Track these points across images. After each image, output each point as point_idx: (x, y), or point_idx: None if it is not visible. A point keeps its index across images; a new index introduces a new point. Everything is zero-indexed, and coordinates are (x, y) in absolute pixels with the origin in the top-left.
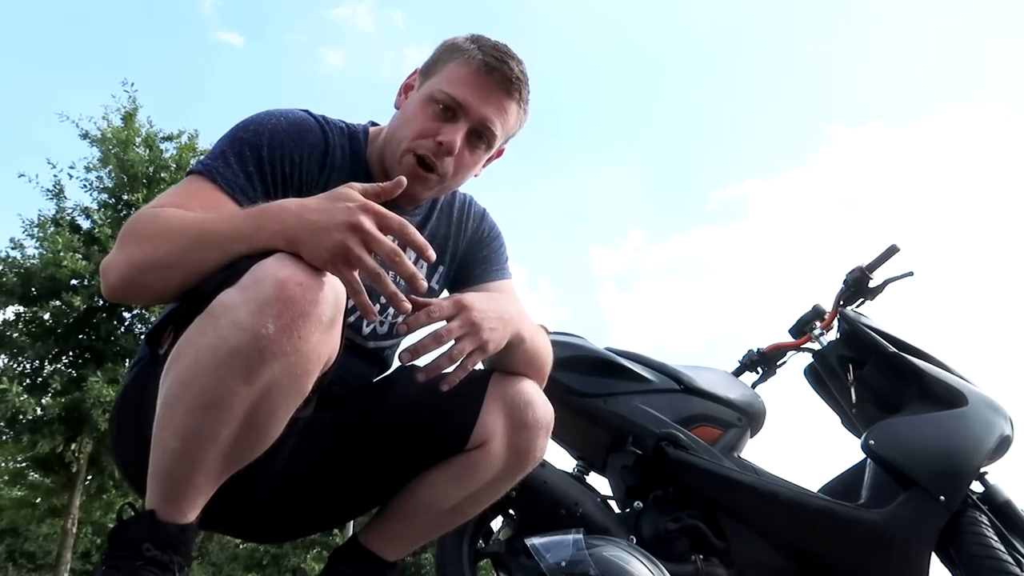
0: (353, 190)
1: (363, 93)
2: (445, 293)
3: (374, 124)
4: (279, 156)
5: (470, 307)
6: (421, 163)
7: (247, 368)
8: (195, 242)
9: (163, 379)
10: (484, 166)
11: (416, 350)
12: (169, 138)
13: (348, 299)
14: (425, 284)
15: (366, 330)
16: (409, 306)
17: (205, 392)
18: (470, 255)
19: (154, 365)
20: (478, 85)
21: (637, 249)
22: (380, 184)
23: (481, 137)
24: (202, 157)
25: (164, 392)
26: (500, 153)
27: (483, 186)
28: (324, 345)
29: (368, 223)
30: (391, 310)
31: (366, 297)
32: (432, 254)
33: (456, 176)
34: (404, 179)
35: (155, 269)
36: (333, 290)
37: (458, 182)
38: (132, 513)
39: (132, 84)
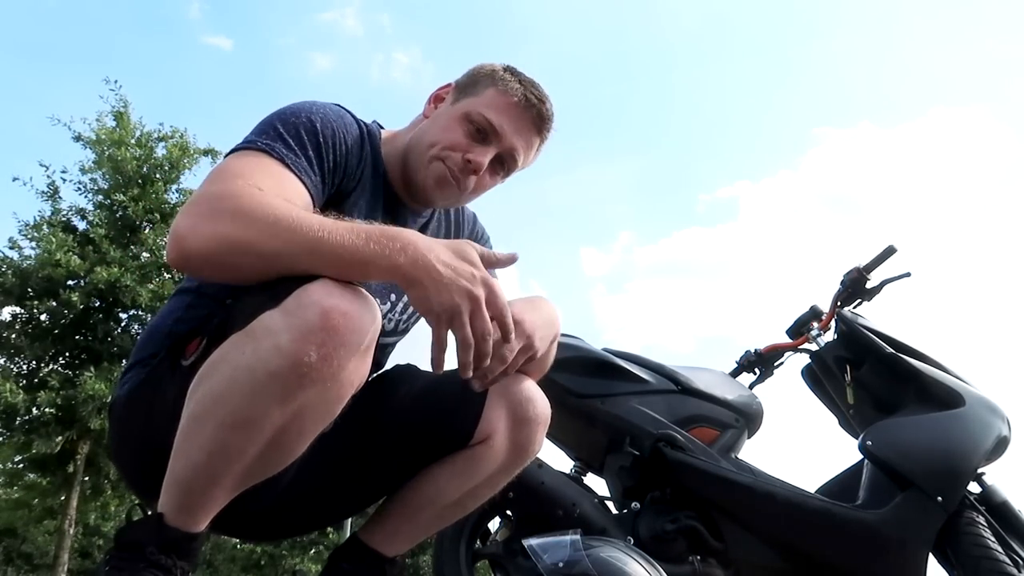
0: (474, 251)
1: (352, 96)
2: None
3: (380, 126)
4: (331, 145)
5: (527, 325)
6: (450, 173)
7: (284, 392)
8: (311, 246)
9: (192, 392)
10: None
11: (485, 376)
12: (162, 138)
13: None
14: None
15: None
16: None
17: (238, 411)
18: None
19: (172, 372)
20: (516, 116)
21: (626, 250)
22: (496, 254)
23: (503, 165)
24: (250, 135)
25: (192, 405)
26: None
27: None
28: (358, 371)
29: (483, 298)
30: (398, 308)
31: (444, 354)
32: (514, 334)
33: (472, 195)
34: (517, 255)
35: (254, 257)
36: (373, 319)
37: (468, 200)
38: (140, 515)
39: (116, 81)
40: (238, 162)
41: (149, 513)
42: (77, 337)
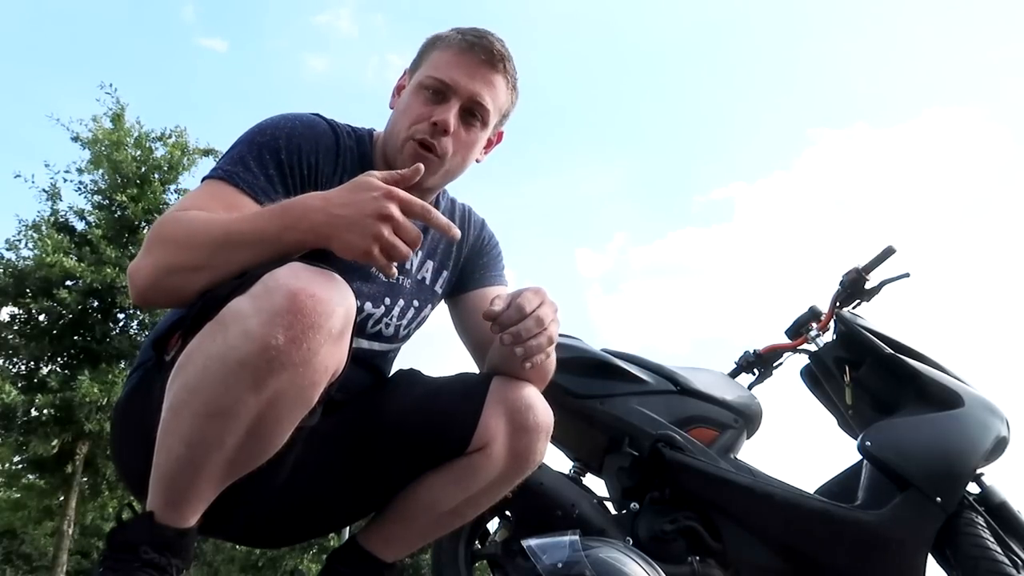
0: (374, 178)
1: (348, 98)
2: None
3: (373, 130)
4: (297, 159)
5: (548, 297)
6: (421, 146)
7: (255, 378)
8: (221, 244)
9: (170, 384)
10: (486, 152)
11: (519, 333)
12: (160, 138)
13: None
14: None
15: (370, 331)
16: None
17: (212, 400)
18: (471, 261)
19: (159, 370)
20: (461, 62)
21: (621, 251)
22: (399, 171)
23: (474, 115)
24: (218, 162)
25: (171, 398)
26: (500, 137)
27: (471, 186)
28: (332, 356)
29: (396, 211)
30: (395, 313)
31: (395, 272)
32: (457, 232)
33: (457, 156)
34: (422, 166)
35: (182, 272)
36: (344, 301)
37: (460, 163)
38: (131, 514)
39: (112, 85)
40: (187, 196)
41: (137, 511)
42: (75, 337)
